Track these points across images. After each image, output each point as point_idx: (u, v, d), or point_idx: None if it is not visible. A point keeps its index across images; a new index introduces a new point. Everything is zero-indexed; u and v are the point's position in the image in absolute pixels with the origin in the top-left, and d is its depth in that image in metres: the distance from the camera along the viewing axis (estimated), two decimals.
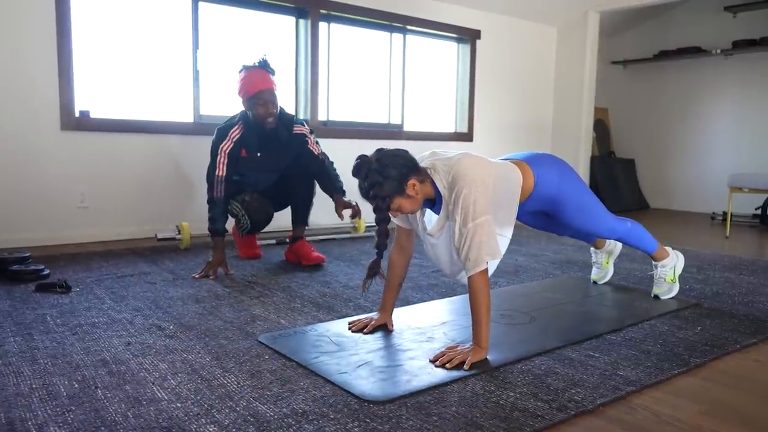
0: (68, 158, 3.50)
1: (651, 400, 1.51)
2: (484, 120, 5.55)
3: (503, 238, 1.89)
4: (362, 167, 1.74)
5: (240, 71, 2.87)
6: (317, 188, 3.17)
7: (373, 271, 1.88)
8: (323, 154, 3.05)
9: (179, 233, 3.40)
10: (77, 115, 3.52)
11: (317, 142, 3.05)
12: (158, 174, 3.81)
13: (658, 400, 1.52)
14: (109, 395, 1.45)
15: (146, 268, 2.88)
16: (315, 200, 3.20)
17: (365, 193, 1.75)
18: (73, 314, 2.11)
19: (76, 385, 1.50)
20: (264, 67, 2.86)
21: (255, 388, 1.51)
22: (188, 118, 3.97)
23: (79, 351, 1.75)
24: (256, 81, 2.81)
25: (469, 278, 1.73)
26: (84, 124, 3.53)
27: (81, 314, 2.11)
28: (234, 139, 2.87)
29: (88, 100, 3.61)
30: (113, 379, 1.55)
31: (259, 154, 2.94)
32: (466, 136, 5.44)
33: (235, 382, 1.54)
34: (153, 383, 1.53)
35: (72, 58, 3.46)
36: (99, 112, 3.64)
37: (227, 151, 2.84)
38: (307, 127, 3.04)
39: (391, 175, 1.73)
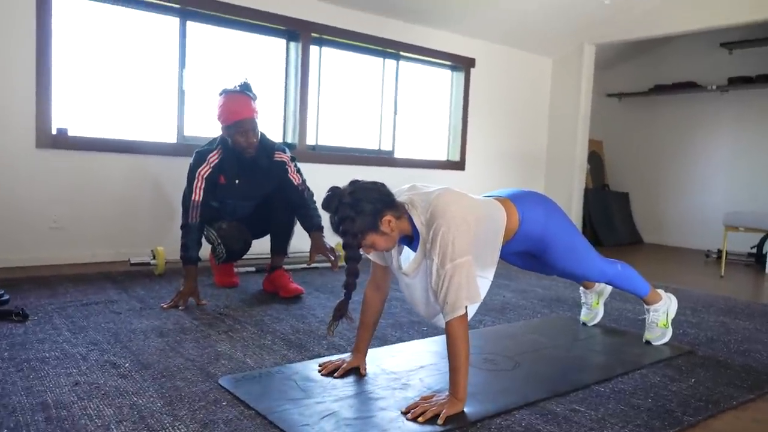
0: (43, 177, 3.37)
1: None
2: (477, 149, 5.47)
3: (484, 279, 1.76)
4: (333, 200, 1.62)
5: (220, 95, 2.77)
6: None
7: (340, 312, 1.75)
8: (303, 184, 2.92)
9: (154, 258, 3.26)
10: (54, 132, 3.41)
11: (298, 171, 2.94)
12: (138, 196, 3.68)
13: None
14: None
15: (114, 296, 2.74)
16: (296, 229, 3.07)
17: (335, 228, 1.63)
18: (24, 347, 1.96)
19: None
20: (245, 91, 2.76)
21: None
22: (171, 138, 3.86)
23: (19, 391, 1.60)
24: (236, 109, 2.70)
25: (447, 324, 1.60)
26: (61, 142, 3.42)
27: (32, 347, 1.97)
28: (212, 164, 2.75)
29: (66, 118, 3.50)
30: (50, 426, 1.40)
31: (237, 181, 2.82)
32: (458, 165, 5.35)
33: None
34: None
35: (51, 73, 3.35)
36: (78, 129, 3.53)
37: (205, 176, 2.73)
38: (288, 154, 2.92)
39: (364, 210, 1.61)
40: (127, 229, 3.65)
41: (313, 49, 4.42)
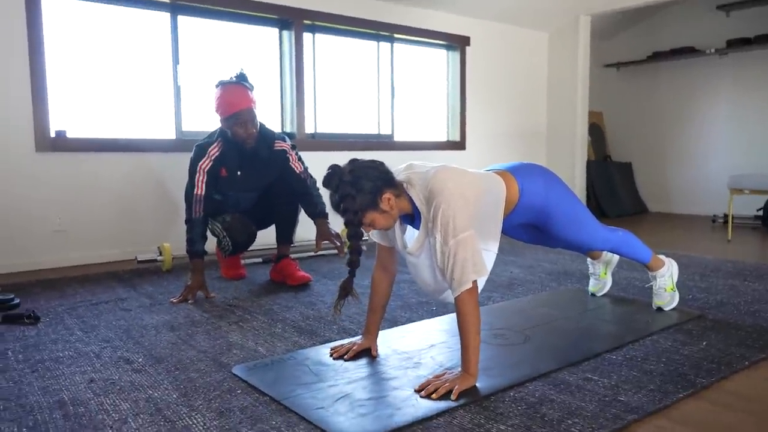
0: (44, 180, 3.38)
1: (655, 430, 1.39)
2: (476, 128, 5.45)
3: (489, 253, 1.76)
4: (333, 178, 1.62)
5: (216, 86, 2.76)
6: None
7: (345, 291, 1.74)
8: (306, 172, 2.92)
9: (160, 255, 3.28)
10: (53, 135, 3.41)
11: (300, 159, 2.93)
12: (140, 193, 3.69)
13: (662, 429, 1.39)
14: None
15: (123, 294, 2.76)
16: (300, 217, 3.07)
17: (336, 205, 1.64)
18: (37, 348, 1.98)
19: None
20: (241, 82, 2.75)
21: (222, 430, 1.38)
22: (170, 134, 3.86)
23: (36, 391, 1.62)
24: (234, 100, 2.69)
25: (456, 299, 1.60)
26: (60, 144, 3.42)
27: (46, 348, 1.98)
28: (213, 157, 2.75)
29: (64, 120, 3.50)
30: (68, 423, 1.42)
31: (239, 173, 2.82)
32: (459, 145, 5.34)
33: (201, 423, 1.41)
34: (111, 427, 1.40)
35: (45, 77, 3.35)
36: (76, 131, 3.53)
37: (206, 169, 2.73)
38: (289, 142, 2.92)
39: (364, 187, 1.61)
40: (131, 228, 3.66)
41: (307, 37, 4.39)
